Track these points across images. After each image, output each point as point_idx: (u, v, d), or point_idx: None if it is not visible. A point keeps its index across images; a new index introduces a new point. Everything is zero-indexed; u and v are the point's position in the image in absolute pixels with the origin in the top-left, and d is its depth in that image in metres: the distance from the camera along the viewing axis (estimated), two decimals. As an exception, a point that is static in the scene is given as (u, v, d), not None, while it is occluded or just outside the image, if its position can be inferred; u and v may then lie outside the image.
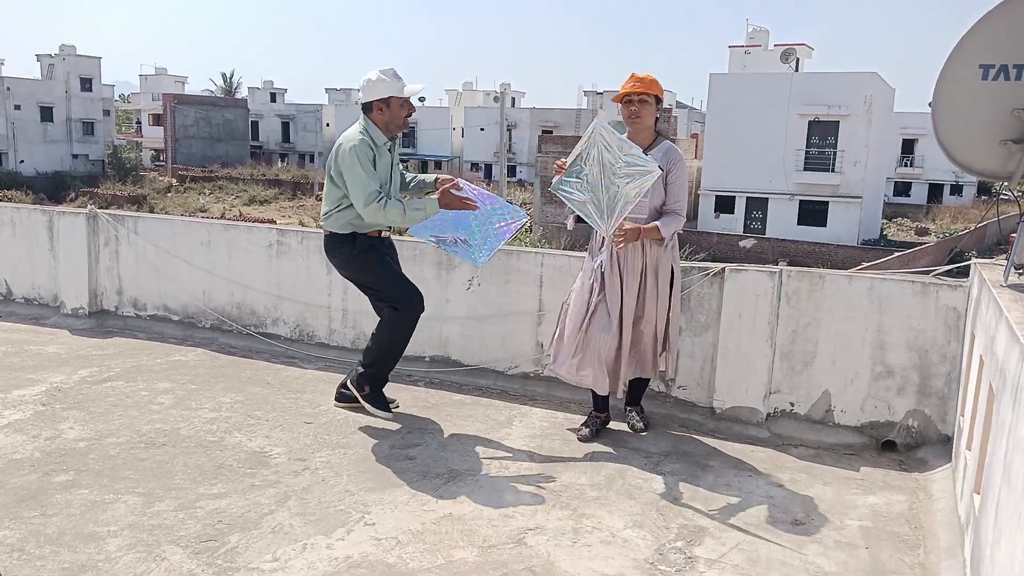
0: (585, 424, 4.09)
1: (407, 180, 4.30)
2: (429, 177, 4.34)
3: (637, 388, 4.20)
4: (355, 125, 4.02)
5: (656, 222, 3.84)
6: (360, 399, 4.18)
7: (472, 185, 4.19)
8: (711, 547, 3.03)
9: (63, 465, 3.51)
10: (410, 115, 4.05)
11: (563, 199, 3.79)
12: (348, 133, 3.99)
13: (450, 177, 4.11)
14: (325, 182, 4.11)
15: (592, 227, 3.83)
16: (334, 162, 3.96)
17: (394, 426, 4.11)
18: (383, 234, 4.17)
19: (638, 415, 4.19)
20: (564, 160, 3.82)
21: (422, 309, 4.13)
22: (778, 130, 36.21)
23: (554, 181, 3.83)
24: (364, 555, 2.88)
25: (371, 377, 4.19)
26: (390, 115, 3.96)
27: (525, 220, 4.20)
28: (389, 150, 4.05)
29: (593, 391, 4.01)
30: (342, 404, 4.31)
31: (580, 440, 4.00)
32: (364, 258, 4.08)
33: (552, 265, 4.64)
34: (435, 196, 3.96)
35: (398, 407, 4.32)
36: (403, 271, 4.26)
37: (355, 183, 3.86)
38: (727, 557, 2.96)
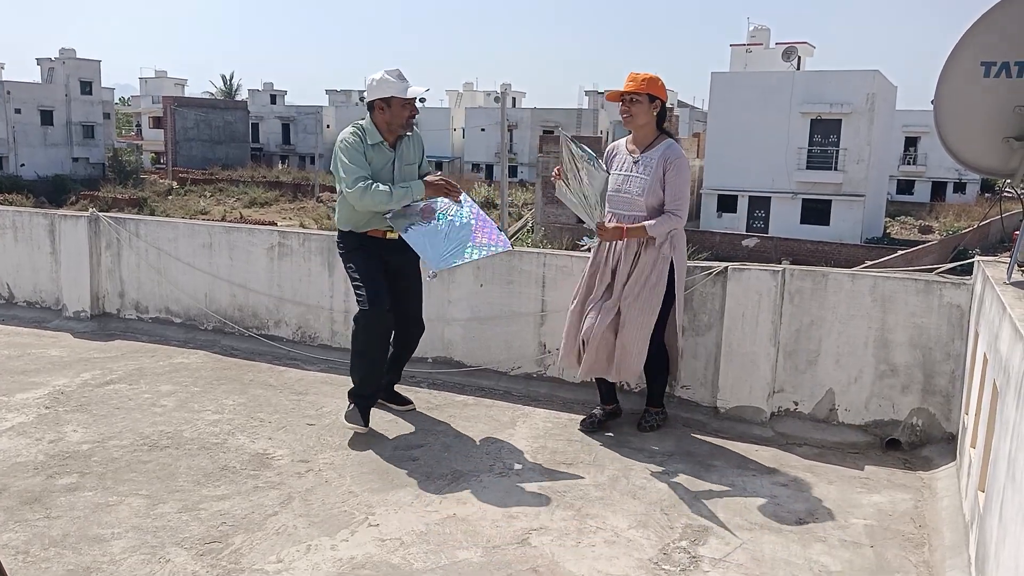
0: (589, 414, 4.19)
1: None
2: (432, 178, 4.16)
3: (652, 389, 4.19)
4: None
5: (645, 222, 3.82)
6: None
7: (472, 202, 4.08)
8: (715, 547, 3.03)
9: (67, 468, 3.51)
10: (412, 116, 3.97)
11: (566, 203, 3.92)
12: (344, 130, 4.01)
13: (452, 182, 4.05)
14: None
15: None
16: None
17: (397, 427, 4.11)
18: (389, 235, 4.00)
19: (648, 416, 4.17)
20: (560, 167, 3.89)
21: (379, 321, 3.95)
22: (780, 129, 36.16)
23: (557, 186, 3.92)
24: (368, 556, 2.88)
25: (355, 393, 4.05)
26: (391, 115, 3.90)
27: (505, 249, 4.05)
28: (392, 147, 3.96)
29: (597, 383, 4.16)
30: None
31: (580, 429, 4.11)
32: (352, 255, 4.02)
33: (554, 265, 4.63)
34: (423, 180, 3.95)
35: (412, 408, 4.34)
36: (407, 280, 4.14)
37: (342, 171, 3.85)
38: (731, 556, 2.96)
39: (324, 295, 5.25)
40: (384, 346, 4.10)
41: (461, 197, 4.04)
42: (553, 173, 3.93)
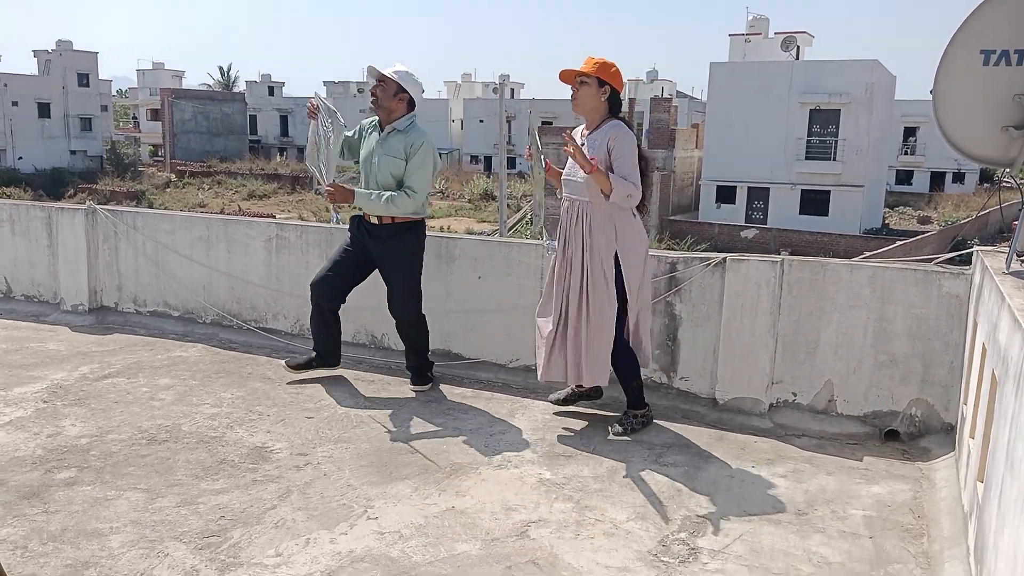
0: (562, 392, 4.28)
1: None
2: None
3: (627, 393, 4.03)
4: None
5: (610, 173, 3.68)
6: None
7: (324, 100, 4.31)
8: (714, 538, 3.03)
9: (65, 462, 3.50)
10: (373, 95, 4.30)
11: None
12: None
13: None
14: None
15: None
16: None
17: (395, 420, 4.11)
18: (370, 218, 4.34)
19: (624, 419, 4.00)
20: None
21: (313, 293, 4.50)
22: (779, 119, 36.10)
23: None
24: (367, 549, 2.88)
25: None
26: None
27: (340, 124, 4.29)
28: (381, 132, 4.33)
29: None
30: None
31: (549, 400, 4.28)
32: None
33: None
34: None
35: (424, 389, 4.58)
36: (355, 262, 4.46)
37: None
38: (730, 548, 2.96)
39: (322, 288, 5.23)
40: (318, 316, 4.55)
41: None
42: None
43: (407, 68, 4.30)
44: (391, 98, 4.26)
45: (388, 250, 4.35)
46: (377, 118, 4.39)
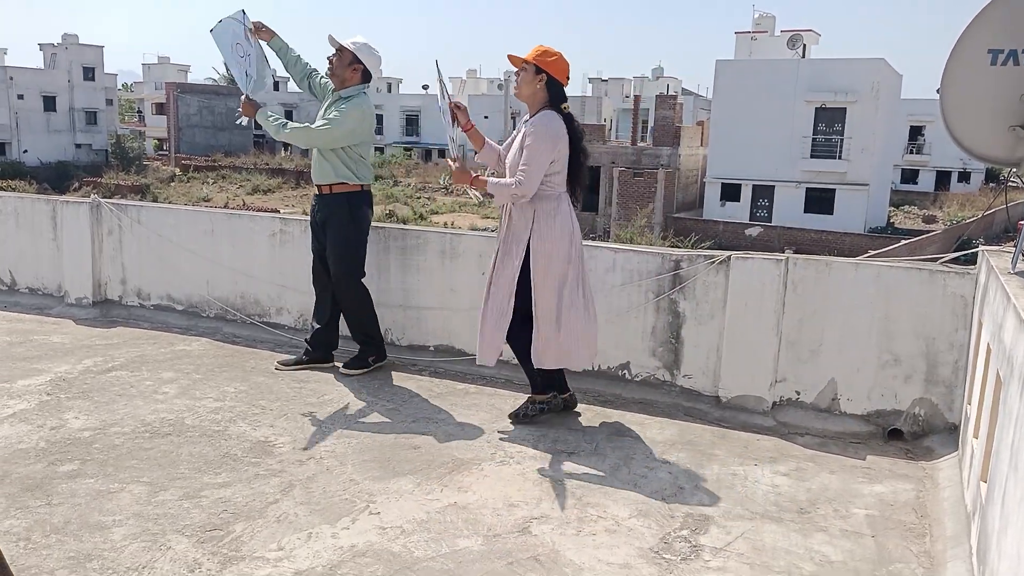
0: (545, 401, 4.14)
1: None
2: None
3: (528, 377, 4.07)
4: None
5: (491, 178, 3.87)
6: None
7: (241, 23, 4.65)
8: (716, 536, 3.03)
9: (68, 455, 3.51)
10: (330, 64, 4.56)
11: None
12: None
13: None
14: None
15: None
16: None
17: (399, 416, 4.11)
18: (318, 183, 4.63)
19: (523, 405, 4.07)
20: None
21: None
22: (785, 117, 35.99)
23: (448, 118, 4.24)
24: (369, 544, 2.88)
25: None
26: None
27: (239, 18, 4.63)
28: (334, 95, 4.60)
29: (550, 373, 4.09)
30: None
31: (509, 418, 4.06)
32: None
33: (556, 253, 4.61)
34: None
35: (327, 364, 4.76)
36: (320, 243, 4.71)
37: None
38: (732, 546, 2.96)
39: (326, 283, 5.23)
40: (317, 288, 4.75)
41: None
42: (452, 104, 4.11)
43: (367, 40, 4.49)
44: (345, 67, 4.47)
45: (326, 218, 4.56)
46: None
